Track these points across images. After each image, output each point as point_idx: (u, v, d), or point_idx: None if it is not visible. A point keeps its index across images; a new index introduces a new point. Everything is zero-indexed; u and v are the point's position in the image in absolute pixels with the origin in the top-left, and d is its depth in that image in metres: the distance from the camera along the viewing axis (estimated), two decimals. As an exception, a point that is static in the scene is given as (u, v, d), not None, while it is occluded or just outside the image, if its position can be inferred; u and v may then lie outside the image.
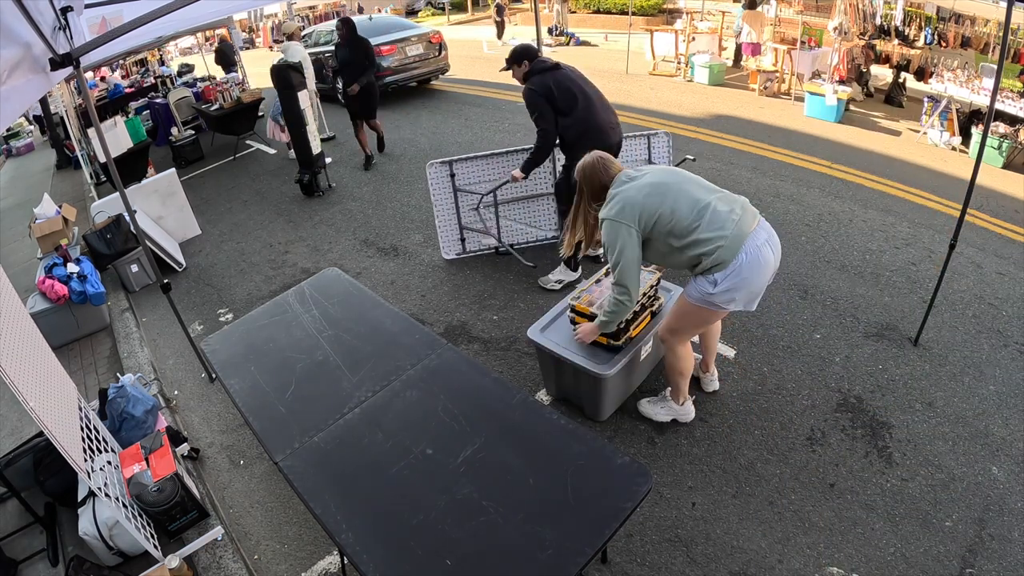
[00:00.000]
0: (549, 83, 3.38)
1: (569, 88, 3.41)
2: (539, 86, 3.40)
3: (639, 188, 2.23)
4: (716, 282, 2.19)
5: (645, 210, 2.19)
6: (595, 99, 3.46)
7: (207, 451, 3.04)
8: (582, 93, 3.42)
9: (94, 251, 4.57)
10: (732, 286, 2.18)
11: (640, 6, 12.78)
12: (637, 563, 2.23)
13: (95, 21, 3.23)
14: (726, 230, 2.14)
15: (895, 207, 4.71)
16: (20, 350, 1.97)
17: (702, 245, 2.15)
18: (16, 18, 1.98)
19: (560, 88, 3.38)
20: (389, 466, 2.00)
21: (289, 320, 2.87)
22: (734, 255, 2.14)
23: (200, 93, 9.34)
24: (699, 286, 2.25)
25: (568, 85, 3.41)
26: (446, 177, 3.99)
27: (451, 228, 4.21)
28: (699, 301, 2.28)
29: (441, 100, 8.94)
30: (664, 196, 2.20)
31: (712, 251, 2.14)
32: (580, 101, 3.39)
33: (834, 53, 7.24)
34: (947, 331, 3.29)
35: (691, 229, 2.16)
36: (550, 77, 3.41)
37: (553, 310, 2.91)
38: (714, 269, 2.18)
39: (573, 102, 3.38)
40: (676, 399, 2.73)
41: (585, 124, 3.39)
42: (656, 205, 2.19)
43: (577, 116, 3.38)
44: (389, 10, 17.71)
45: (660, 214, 2.18)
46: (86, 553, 2.37)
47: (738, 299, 2.23)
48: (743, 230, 2.17)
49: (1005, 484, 2.41)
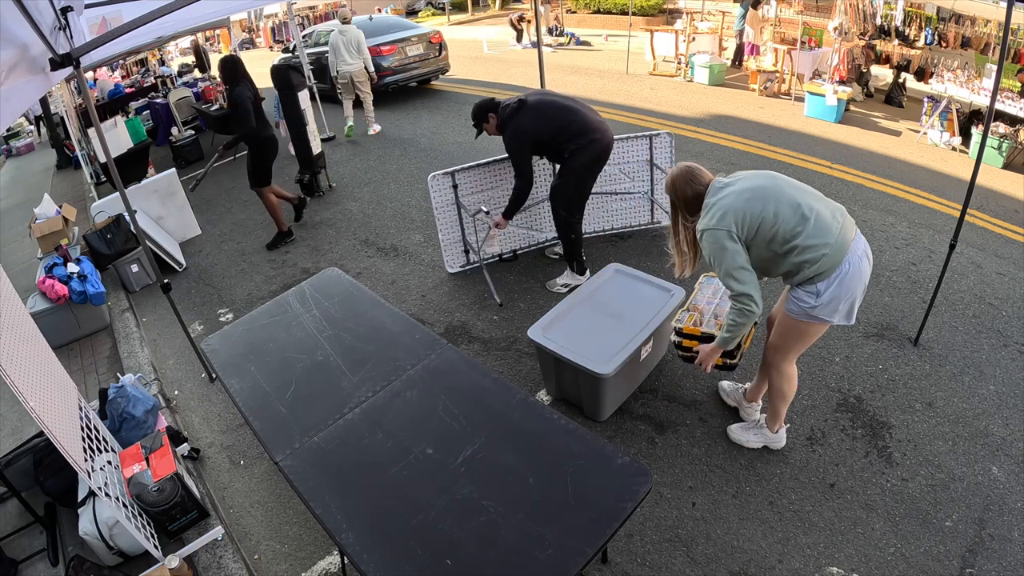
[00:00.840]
0: (525, 122, 3.37)
1: (552, 103, 3.42)
2: (518, 130, 3.39)
3: (738, 193, 2.10)
4: (819, 292, 2.08)
5: (748, 215, 2.06)
6: (579, 104, 3.46)
7: (207, 451, 3.04)
8: (564, 101, 3.44)
9: (94, 251, 4.57)
10: (835, 296, 2.07)
11: (640, 6, 12.77)
12: (637, 563, 2.23)
13: (95, 21, 3.24)
14: (831, 237, 2.03)
15: (895, 207, 4.71)
16: (20, 350, 1.97)
17: (806, 252, 2.04)
18: (16, 18, 1.98)
19: (543, 111, 3.38)
20: (389, 466, 2.00)
21: (289, 320, 2.87)
22: (837, 264, 2.04)
23: (200, 93, 9.35)
24: (800, 300, 2.15)
25: (548, 102, 3.42)
26: (448, 188, 3.91)
27: (455, 241, 4.13)
28: (802, 316, 2.17)
29: (441, 100, 8.94)
30: (766, 200, 2.07)
31: (817, 259, 2.03)
32: (567, 109, 3.38)
33: (834, 53, 7.24)
34: (947, 331, 3.29)
35: (795, 234, 2.03)
36: (525, 114, 3.39)
37: (553, 310, 2.92)
38: (816, 279, 2.07)
39: (563, 112, 3.38)
40: (771, 426, 2.58)
41: (582, 127, 3.37)
42: (759, 210, 2.06)
43: (574, 121, 3.37)
44: (389, 10, 17.71)
45: (763, 219, 2.05)
46: (86, 553, 2.37)
47: (841, 310, 2.11)
48: (846, 237, 2.07)
49: (1005, 484, 2.41)
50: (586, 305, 2.95)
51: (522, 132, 3.39)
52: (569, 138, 3.37)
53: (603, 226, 4.52)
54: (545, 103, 3.45)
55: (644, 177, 4.42)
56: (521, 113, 3.40)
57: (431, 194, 3.89)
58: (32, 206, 5.26)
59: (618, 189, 4.40)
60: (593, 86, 8.75)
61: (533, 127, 3.38)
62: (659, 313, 2.84)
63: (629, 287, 3.06)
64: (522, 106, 3.42)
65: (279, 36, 19.15)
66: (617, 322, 2.81)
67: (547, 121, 3.38)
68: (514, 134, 3.41)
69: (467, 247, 4.15)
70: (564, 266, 3.97)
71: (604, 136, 3.42)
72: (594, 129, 3.39)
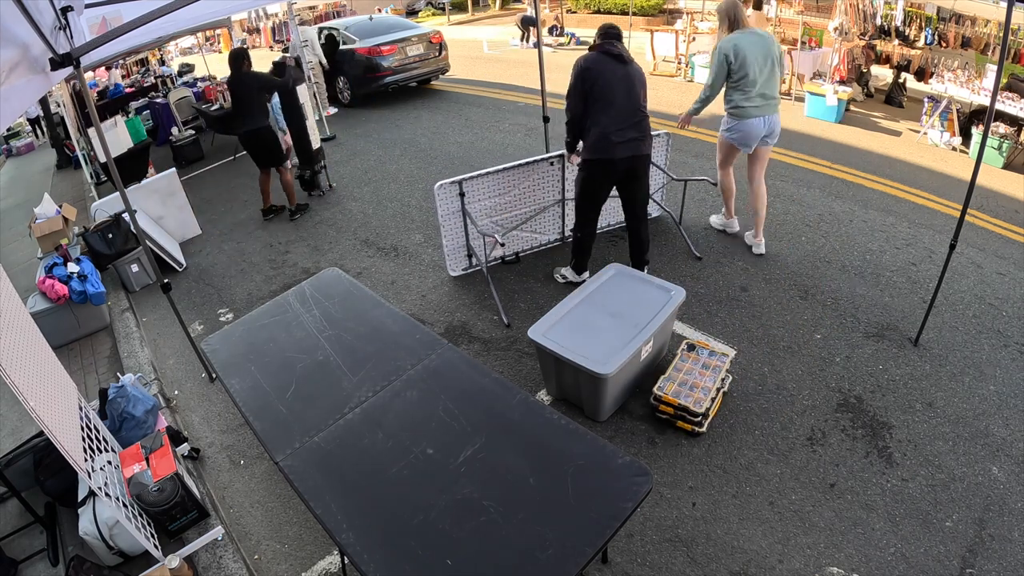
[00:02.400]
0: (594, 63, 3.20)
1: (611, 82, 3.21)
2: (585, 59, 3.24)
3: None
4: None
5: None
6: (624, 106, 3.25)
7: (207, 451, 3.04)
8: (621, 86, 3.23)
9: (94, 251, 4.57)
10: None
11: (640, 6, 12.77)
12: (637, 563, 2.23)
13: (95, 21, 3.23)
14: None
15: (895, 207, 4.71)
16: (20, 350, 1.97)
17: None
18: (16, 18, 1.98)
19: (603, 77, 3.19)
20: (390, 466, 2.00)
21: (290, 320, 2.87)
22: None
23: (200, 93, 9.36)
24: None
25: (612, 78, 3.21)
26: (455, 197, 3.88)
27: (458, 247, 4.11)
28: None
29: (441, 100, 8.94)
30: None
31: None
32: (614, 93, 3.21)
33: (834, 53, 7.24)
34: (947, 331, 3.29)
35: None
36: (604, 61, 3.21)
37: (554, 310, 2.92)
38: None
39: (608, 97, 3.20)
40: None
41: (603, 127, 3.24)
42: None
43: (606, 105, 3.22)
44: (389, 10, 17.70)
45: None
46: (86, 553, 2.37)
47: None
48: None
49: (1005, 484, 2.41)
50: (586, 305, 2.95)
51: (576, 72, 3.24)
52: (587, 115, 3.26)
53: (601, 223, 4.51)
54: (614, 74, 3.21)
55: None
56: (603, 58, 3.22)
57: (437, 203, 3.79)
58: (32, 206, 5.26)
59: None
60: (593, 86, 8.74)
61: (584, 72, 3.21)
62: (659, 313, 2.84)
63: (629, 287, 3.06)
64: (605, 54, 3.23)
65: (279, 36, 19.14)
66: (617, 322, 2.81)
67: (598, 85, 3.20)
68: (579, 61, 3.27)
69: (470, 251, 4.15)
70: (565, 263, 3.99)
71: (618, 149, 3.22)
72: (614, 131, 3.20)
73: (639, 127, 3.29)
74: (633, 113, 3.26)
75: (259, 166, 5.40)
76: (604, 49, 3.25)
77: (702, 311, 3.57)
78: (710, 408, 2.73)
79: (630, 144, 3.26)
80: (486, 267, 3.89)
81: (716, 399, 2.81)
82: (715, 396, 2.78)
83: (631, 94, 3.25)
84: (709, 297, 3.69)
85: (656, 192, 4.52)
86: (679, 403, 2.67)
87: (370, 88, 8.73)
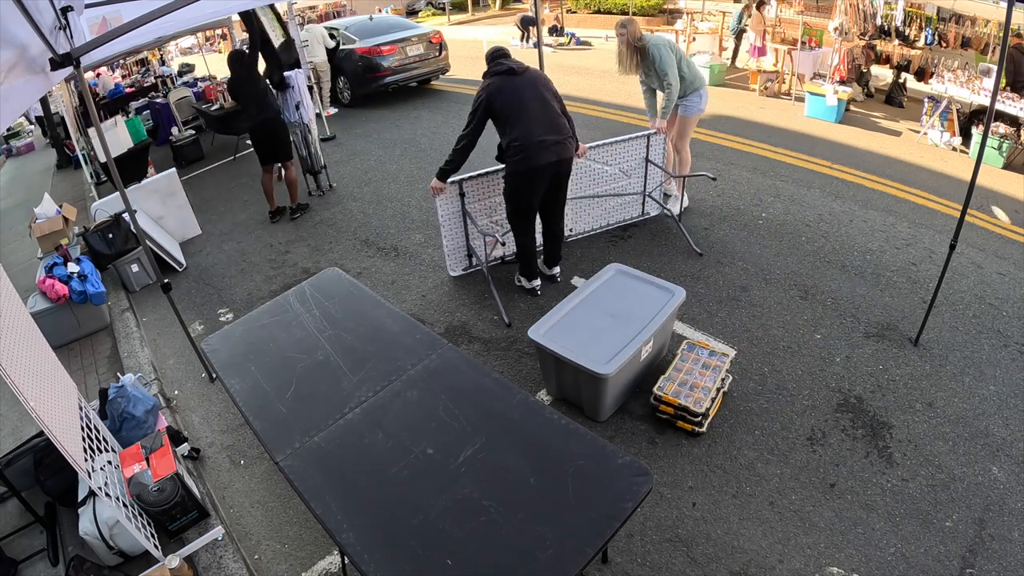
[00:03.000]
0: (493, 88, 3.28)
1: (516, 94, 3.27)
2: (483, 88, 3.32)
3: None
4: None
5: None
6: (537, 113, 3.27)
7: (207, 451, 3.04)
8: (528, 99, 3.27)
9: (94, 251, 4.57)
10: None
11: (640, 6, 12.78)
12: (638, 563, 2.23)
13: (95, 21, 3.23)
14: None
15: (895, 207, 4.71)
16: (20, 350, 1.97)
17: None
18: (16, 18, 1.98)
19: (507, 95, 3.26)
20: (390, 466, 2.00)
21: (290, 320, 2.87)
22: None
23: (200, 93, 9.35)
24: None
25: (514, 89, 3.27)
26: (456, 198, 3.88)
27: (458, 247, 4.11)
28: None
29: (441, 100, 8.94)
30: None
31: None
32: (523, 107, 3.24)
33: (834, 53, 7.24)
34: (947, 331, 3.29)
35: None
36: (499, 81, 3.29)
37: (554, 310, 2.92)
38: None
39: (517, 107, 3.25)
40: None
41: (521, 139, 3.24)
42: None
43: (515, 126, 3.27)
44: (389, 10, 17.71)
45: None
46: (86, 553, 2.37)
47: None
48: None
49: (1005, 484, 2.41)
50: (586, 305, 2.95)
51: (480, 96, 3.34)
52: (504, 132, 3.33)
53: (599, 224, 4.52)
54: (513, 88, 3.28)
55: (640, 174, 4.43)
56: (497, 80, 3.30)
57: (437, 203, 3.79)
58: (32, 206, 5.25)
59: (617, 190, 4.40)
60: (593, 86, 8.75)
61: (486, 101, 3.30)
62: (659, 313, 2.84)
63: (629, 287, 3.06)
64: (507, 74, 3.30)
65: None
66: (617, 322, 2.81)
67: (502, 104, 3.27)
68: (480, 89, 3.37)
69: (470, 251, 4.15)
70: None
71: (540, 156, 3.23)
72: (533, 140, 3.21)
73: (557, 128, 3.30)
74: (546, 115, 3.29)
75: (264, 162, 5.27)
76: (494, 72, 3.34)
77: (702, 311, 3.57)
78: (710, 408, 2.73)
79: (554, 148, 3.27)
80: (486, 267, 3.90)
81: (716, 399, 2.81)
82: (715, 396, 2.78)
83: (537, 97, 3.30)
84: (709, 297, 3.69)
85: (654, 191, 4.53)
86: (679, 403, 2.67)
87: (370, 88, 8.72)
